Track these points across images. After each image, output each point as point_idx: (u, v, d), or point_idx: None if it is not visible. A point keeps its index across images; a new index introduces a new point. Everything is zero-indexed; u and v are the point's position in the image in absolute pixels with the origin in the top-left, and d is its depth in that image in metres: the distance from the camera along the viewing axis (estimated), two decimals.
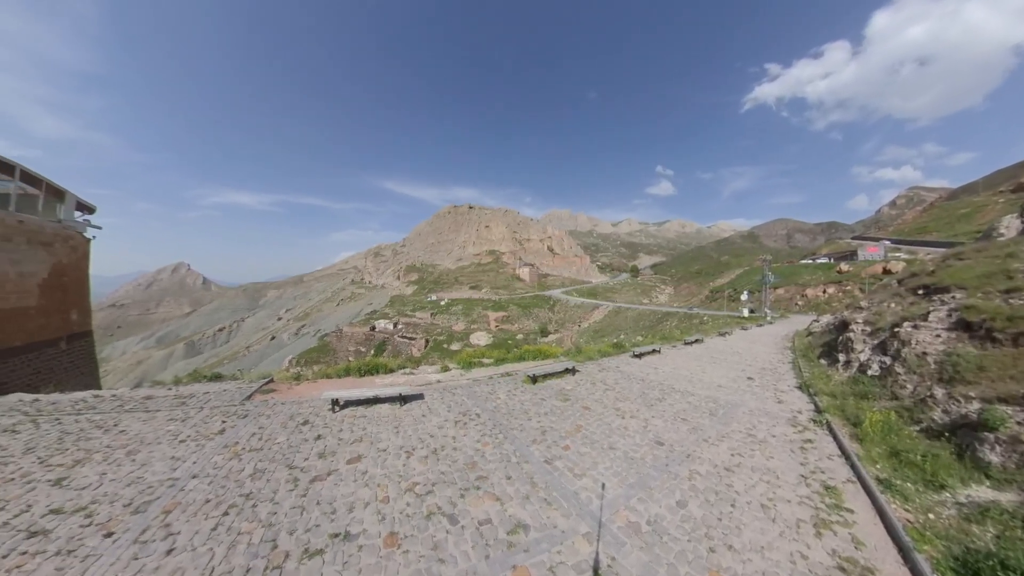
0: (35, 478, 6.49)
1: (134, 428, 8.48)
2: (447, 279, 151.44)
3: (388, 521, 5.18)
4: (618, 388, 11.20)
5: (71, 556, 4.69)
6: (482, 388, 11.09)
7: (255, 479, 6.30)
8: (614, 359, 15.39)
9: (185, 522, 5.28)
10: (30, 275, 15.82)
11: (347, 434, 8.02)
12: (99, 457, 7.19)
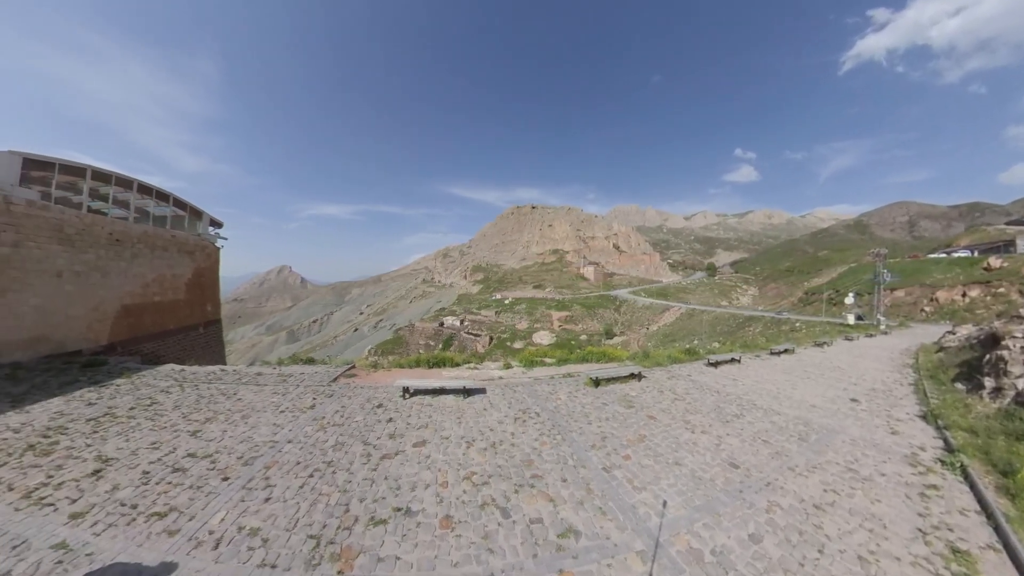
0: (179, 428, 8.12)
1: (248, 397, 10.13)
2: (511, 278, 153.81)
3: (445, 504, 5.46)
4: (689, 399, 10.34)
5: (199, 491, 5.87)
6: (543, 387, 11.08)
7: (336, 450, 7.13)
8: (685, 366, 14.24)
9: (280, 477, 6.21)
10: (180, 276, 20.72)
11: (414, 419, 8.63)
12: (222, 418, 8.74)
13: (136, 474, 6.32)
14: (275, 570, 4.33)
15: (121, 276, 16.94)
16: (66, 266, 14.51)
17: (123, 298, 16.98)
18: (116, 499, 5.65)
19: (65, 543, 4.76)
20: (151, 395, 10.27)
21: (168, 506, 5.46)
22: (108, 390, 10.65)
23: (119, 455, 6.96)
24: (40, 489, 5.88)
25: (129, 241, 17.49)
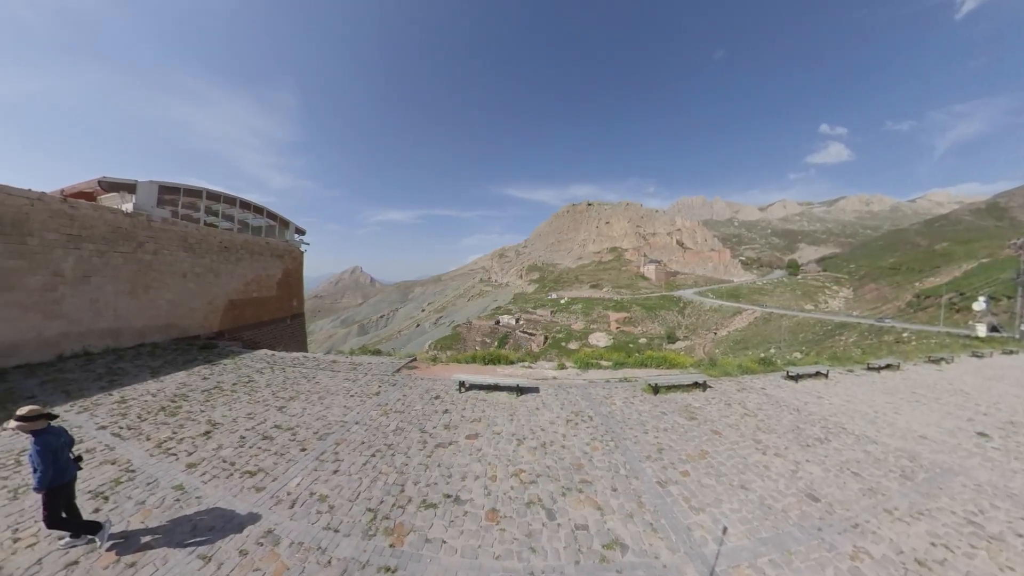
0: (269, 404, 9.31)
1: (324, 381, 11.29)
2: (567, 278, 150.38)
3: (492, 497, 5.57)
4: (761, 415, 9.32)
5: (282, 457, 6.70)
6: (597, 391, 10.78)
7: (396, 434, 7.66)
8: (759, 378, 12.82)
9: (347, 454, 6.84)
10: (272, 276, 24.39)
11: (469, 413, 8.93)
12: (303, 397, 9.84)
13: (235, 438, 7.39)
14: (337, 534, 4.79)
15: (228, 276, 20.24)
16: (189, 269, 17.74)
17: (230, 294, 20.29)
18: (220, 456, 6.68)
19: (182, 486, 5.77)
20: (249, 374, 11.92)
21: (257, 467, 6.32)
22: (217, 368, 12.58)
23: (223, 421, 8.20)
24: (167, 442, 7.16)
25: (234, 248, 20.84)
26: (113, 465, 6.34)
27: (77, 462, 4.63)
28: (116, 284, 14.49)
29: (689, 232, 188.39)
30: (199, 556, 4.41)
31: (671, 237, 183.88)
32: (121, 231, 14.74)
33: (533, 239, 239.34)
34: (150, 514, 5.13)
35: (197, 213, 20.04)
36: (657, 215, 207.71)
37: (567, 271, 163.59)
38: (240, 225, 23.51)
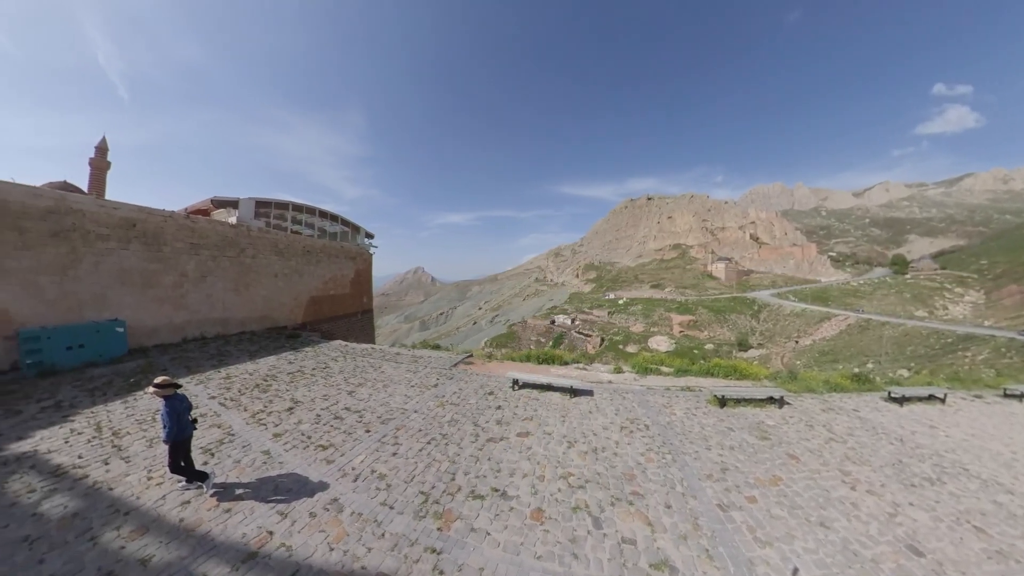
0: (341, 388, 10.29)
1: (388, 371, 12.16)
2: (626, 277, 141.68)
3: (539, 497, 5.56)
4: (852, 442, 8.07)
5: (349, 436, 7.37)
6: (656, 398, 10.20)
7: (450, 425, 7.99)
8: (851, 397, 11.03)
9: (406, 439, 7.30)
10: (346, 276, 27.26)
11: (521, 411, 8.99)
12: (369, 384, 10.70)
13: (312, 415, 8.30)
14: (391, 511, 5.15)
15: (310, 276, 23.12)
16: (279, 270, 20.64)
17: (311, 291, 23.13)
18: (299, 430, 7.55)
19: (268, 451, 6.66)
20: (325, 361, 13.28)
21: (329, 442, 7.04)
22: (300, 355, 14.22)
23: (303, 400, 9.25)
24: (259, 413, 8.27)
25: (315, 251, 23.85)
26: (219, 429, 7.51)
27: (194, 423, 5.62)
28: (225, 282, 17.35)
29: (765, 225, 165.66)
30: (278, 512, 5.09)
31: (743, 231, 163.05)
32: (228, 239, 17.68)
33: (590, 237, 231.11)
34: (243, 471, 6.03)
35: (285, 222, 23.64)
36: (726, 207, 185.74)
37: (626, 270, 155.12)
38: (319, 232, 27.10)
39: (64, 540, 4.51)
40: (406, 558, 4.36)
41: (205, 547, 4.47)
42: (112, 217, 13.42)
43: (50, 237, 11.81)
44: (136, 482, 5.67)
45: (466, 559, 4.37)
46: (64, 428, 7.46)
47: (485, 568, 4.26)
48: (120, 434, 7.26)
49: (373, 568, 4.23)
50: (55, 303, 11.88)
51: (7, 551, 4.32)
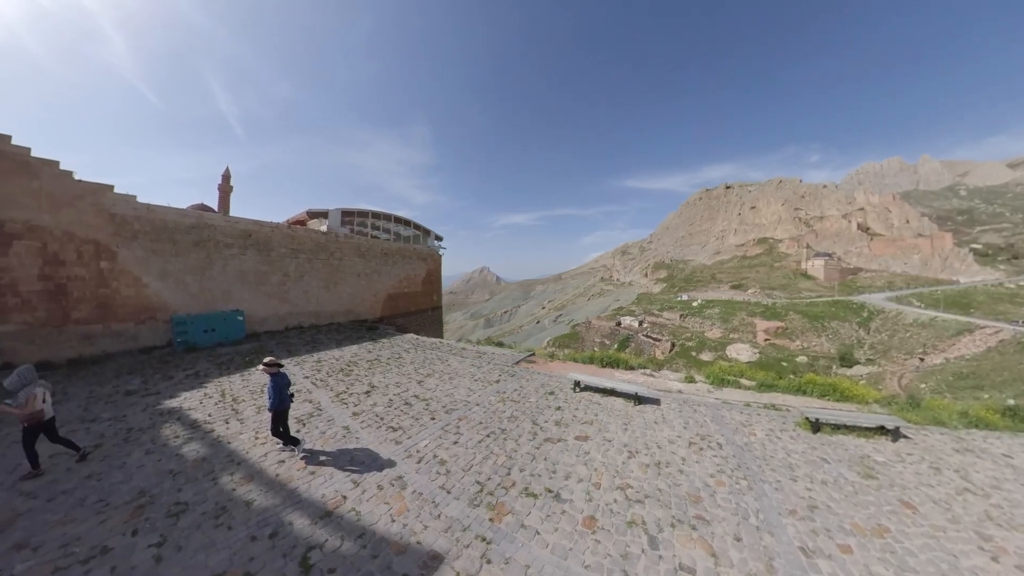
0: (412, 377, 11.09)
1: (453, 365, 12.78)
2: (701, 276, 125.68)
3: (593, 505, 5.39)
4: (997, 498, 6.36)
5: (416, 421, 7.91)
6: (733, 415, 9.22)
7: (510, 421, 8.14)
8: (1000, 438, 8.48)
9: (467, 430, 7.62)
10: (417, 275, 29.73)
11: (581, 413, 8.81)
12: (436, 376, 11.36)
13: (385, 399, 9.09)
14: (448, 495, 5.43)
15: (387, 276, 25.71)
16: (361, 270, 23.30)
17: (388, 289, 25.73)
18: (374, 411, 8.33)
19: (348, 427, 7.47)
20: (399, 352, 14.43)
21: (398, 425, 7.66)
22: (378, 345, 15.68)
23: (379, 385, 10.17)
24: (342, 394, 9.31)
25: (391, 253, 26.49)
26: (310, 404, 8.64)
27: (291, 397, 6.57)
28: (317, 281, 20.25)
29: (878, 211, 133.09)
30: (352, 480, 5.74)
31: (848, 220, 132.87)
32: (320, 245, 20.64)
33: (660, 233, 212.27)
34: (327, 442, 6.87)
35: (366, 229, 27.06)
36: (825, 192, 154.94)
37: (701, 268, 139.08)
38: (394, 235, 30.45)
39: (195, 476, 5.70)
40: (457, 541, 4.56)
41: (293, 500, 5.22)
42: (235, 229, 16.54)
43: (193, 246, 14.94)
44: (246, 440, 6.82)
45: (514, 553, 4.42)
46: (200, 392, 9.25)
47: (531, 566, 4.26)
48: (237, 400, 8.77)
49: (427, 545, 4.50)
50: (196, 296, 14.93)
51: (159, 478, 5.66)
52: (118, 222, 13.01)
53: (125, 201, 13.25)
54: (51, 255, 11.67)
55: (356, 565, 4.22)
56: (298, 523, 4.81)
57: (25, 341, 11.15)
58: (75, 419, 7.60)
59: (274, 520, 4.86)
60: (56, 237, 11.77)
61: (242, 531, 4.67)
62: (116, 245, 12.94)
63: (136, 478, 5.69)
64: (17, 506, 5.08)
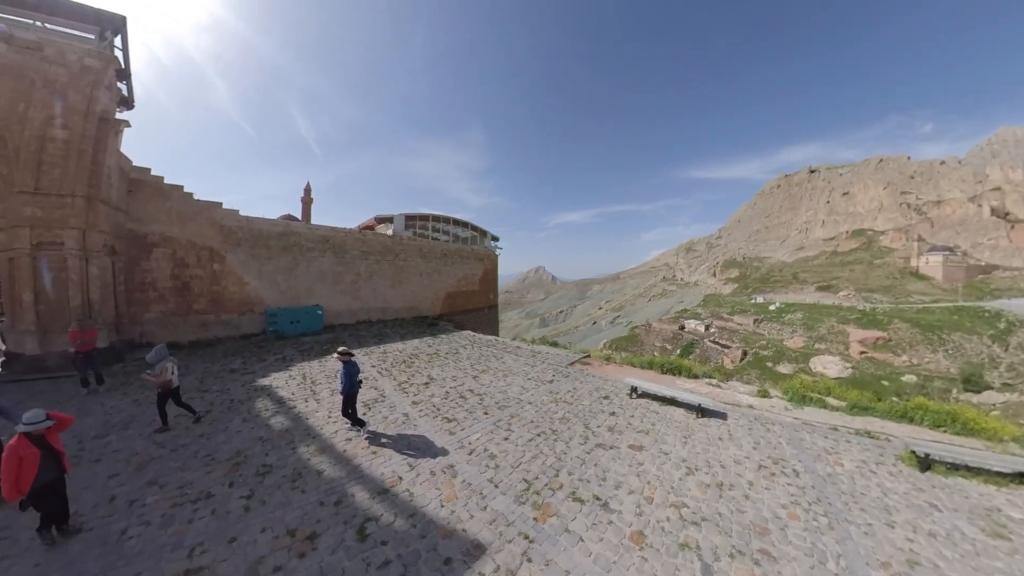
0: (467, 372, 11.49)
1: (508, 362, 12.98)
2: (780, 276, 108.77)
3: (643, 520, 5.12)
4: None
5: (470, 415, 8.20)
6: (815, 439, 8.10)
7: (561, 423, 8.06)
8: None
9: (518, 427, 7.72)
10: (475, 275, 30.81)
11: (637, 421, 8.42)
12: (491, 372, 11.63)
13: (442, 392, 9.54)
14: (496, 489, 5.57)
15: (446, 275, 27.04)
16: (423, 270, 24.89)
17: (447, 288, 27.07)
18: (431, 402, 8.81)
19: (408, 415, 8.01)
20: (456, 348, 15.05)
21: (453, 417, 8.02)
22: (437, 340, 16.53)
23: (437, 377, 10.71)
24: (404, 383, 9.98)
25: (450, 254, 27.80)
26: (375, 390, 9.39)
27: (360, 383, 7.25)
28: (384, 280, 22.08)
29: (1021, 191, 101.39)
30: (407, 463, 6.17)
31: (978, 204, 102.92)
32: (387, 247, 22.48)
33: (730, 227, 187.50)
34: (388, 426, 7.44)
35: (427, 231, 29.02)
36: (943, 170, 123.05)
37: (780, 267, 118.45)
38: (453, 237, 32.17)
39: (279, 444, 6.62)
40: (500, 535, 4.65)
41: (356, 475, 5.80)
42: (315, 235, 18.95)
43: (282, 250, 17.34)
44: (321, 418, 7.67)
45: (555, 556, 4.38)
46: (285, 374, 10.57)
47: (572, 573, 4.19)
48: (315, 383, 9.85)
49: (471, 534, 4.66)
50: (284, 293, 17.30)
51: (252, 442, 6.70)
52: (226, 232, 15.66)
53: (231, 215, 15.84)
54: (179, 259, 14.45)
55: (406, 541, 4.53)
56: (359, 496, 5.32)
57: (160, 326, 13.84)
58: (193, 389, 9.12)
59: (339, 490, 5.43)
60: (182, 245, 14.53)
61: (313, 495, 5.30)
62: (225, 251, 15.59)
63: (235, 440, 6.75)
64: (152, 452, 6.36)
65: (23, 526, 4.56)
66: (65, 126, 10.67)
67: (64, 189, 10.82)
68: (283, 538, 4.54)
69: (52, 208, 10.76)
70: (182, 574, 4.04)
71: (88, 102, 10.94)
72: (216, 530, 4.67)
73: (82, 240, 11.06)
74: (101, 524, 4.76)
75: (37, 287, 10.66)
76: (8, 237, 10.64)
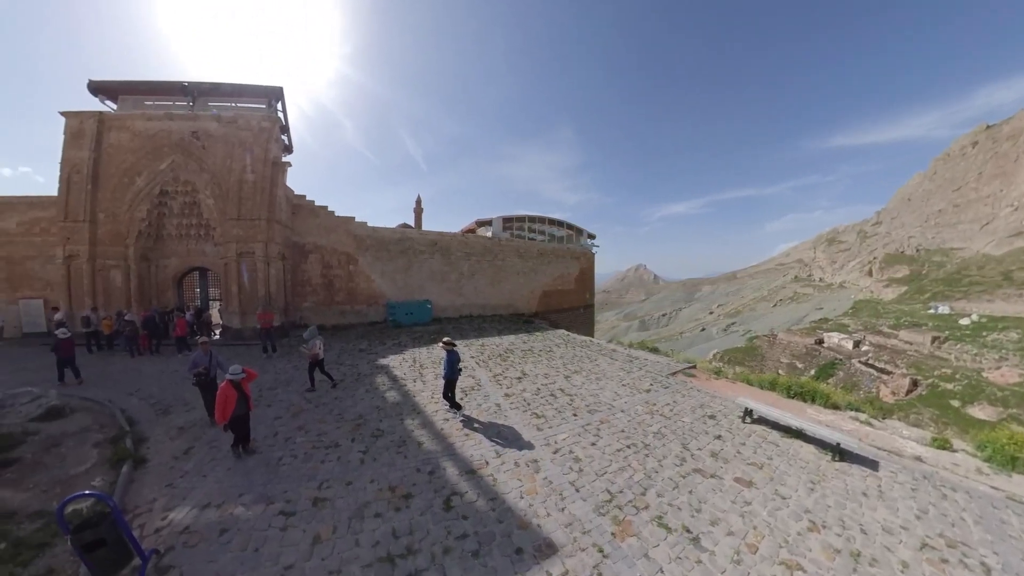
0: (560, 371, 11.50)
1: (602, 365, 12.54)
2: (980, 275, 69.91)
3: (740, 570, 4.34)
4: None
5: (559, 414, 8.29)
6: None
7: (655, 437, 7.44)
8: None
9: (606, 434, 7.46)
10: (571, 274, 30.81)
11: (748, 452, 7.22)
12: (584, 374, 11.41)
13: (533, 388, 9.80)
14: (576, 493, 5.47)
15: (542, 274, 27.71)
16: (520, 269, 26.02)
17: (543, 286, 27.73)
18: (522, 396, 9.15)
19: (500, 405, 8.50)
20: (550, 346, 15.17)
21: (542, 413, 8.20)
22: (531, 337, 16.94)
23: (529, 373, 11.02)
24: (498, 376, 10.57)
25: (546, 254, 28.35)
26: (472, 379, 10.17)
27: (460, 371, 8.07)
28: (484, 279, 23.87)
29: None
30: (495, 451, 6.59)
31: None
32: (487, 248, 24.27)
33: (895, 208, 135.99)
34: (481, 413, 8.02)
35: (523, 232, 30.16)
36: None
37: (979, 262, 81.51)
38: (549, 236, 32.62)
39: (390, 414, 7.86)
40: (574, 541, 4.57)
41: (449, 452, 6.49)
42: (425, 239, 21.91)
43: (399, 253, 20.56)
44: (425, 398, 8.74)
45: None
46: (399, 356, 12.33)
47: None
48: (423, 366, 11.17)
49: (546, 532, 4.70)
50: (401, 289, 20.45)
51: (370, 410, 8.12)
52: (358, 240, 19.39)
53: (361, 226, 19.58)
54: (326, 262, 18.71)
55: (484, 521, 4.87)
56: (449, 471, 5.95)
57: (313, 312, 18.13)
58: (332, 362, 11.33)
59: (433, 462, 6.18)
60: (328, 251, 18.76)
61: (412, 462, 6.21)
62: (357, 255, 19.36)
63: (359, 406, 8.28)
64: (302, 405, 8.30)
65: (224, 441, 6.73)
66: (252, 171, 15.31)
67: (254, 215, 15.34)
68: (385, 491, 5.45)
69: (247, 228, 15.28)
70: (312, 499, 5.27)
71: (265, 153, 15.54)
72: (338, 472, 5.91)
73: (265, 250, 15.43)
74: (267, 450, 6.62)
75: (239, 283, 15.29)
76: (224, 249, 15.45)
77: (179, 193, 15.89)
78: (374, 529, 4.74)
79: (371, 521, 4.87)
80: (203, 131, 15.33)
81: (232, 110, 16.17)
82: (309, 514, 5.02)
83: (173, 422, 7.79)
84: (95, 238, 15.09)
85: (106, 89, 15.98)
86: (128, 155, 15.19)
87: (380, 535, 4.64)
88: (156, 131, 15.27)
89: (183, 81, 15.99)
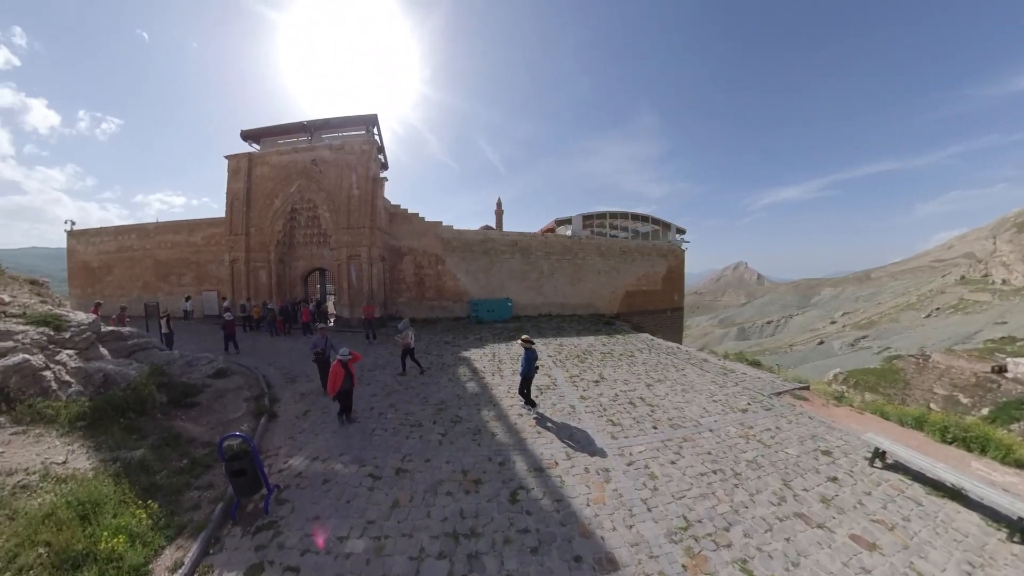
0: (640, 378, 10.83)
1: (690, 376, 11.39)
2: None
3: None
4: None
5: (636, 424, 7.86)
6: None
7: (749, 467, 6.40)
8: None
9: (689, 453, 6.77)
10: (657, 273, 28.45)
11: (874, 505, 5.72)
12: (668, 384, 10.53)
13: (611, 393, 9.46)
14: (648, 513, 5.13)
15: (625, 273, 26.13)
16: (601, 268, 24.98)
17: (626, 286, 26.12)
18: (599, 400, 8.92)
19: (574, 407, 8.49)
20: (631, 351, 14.32)
21: (618, 421, 7.89)
22: (612, 340, 16.20)
23: (608, 378, 10.65)
24: (574, 377, 10.52)
25: (629, 251, 26.59)
26: (548, 378, 10.26)
27: (536, 369, 8.30)
28: (564, 278, 23.65)
29: None
30: (565, 453, 6.59)
31: None
32: (566, 247, 23.95)
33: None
34: (555, 413, 8.10)
35: (604, 229, 28.19)
36: None
37: None
38: (632, 233, 30.08)
39: (469, 404, 8.48)
40: (639, 563, 4.30)
41: (520, 447, 6.71)
42: (506, 240, 22.58)
43: (482, 254, 21.64)
44: (502, 391, 9.18)
45: None
46: (480, 351, 13.09)
47: None
48: (501, 361, 11.66)
49: (609, 547, 4.51)
50: (483, 287, 21.55)
51: (451, 397, 8.89)
52: (445, 242, 20.98)
53: (448, 229, 21.16)
54: (418, 263, 20.82)
55: (547, 521, 4.91)
56: (519, 465, 6.15)
57: (406, 306, 20.39)
58: (421, 351, 12.45)
59: (505, 454, 6.46)
60: (419, 253, 20.81)
61: (485, 451, 6.56)
62: (444, 256, 20.95)
63: (441, 392, 9.08)
64: (394, 386, 9.45)
65: (333, 409, 7.96)
66: (357, 187, 18.27)
67: (359, 224, 18.22)
68: (458, 474, 5.89)
69: (354, 235, 18.18)
70: (396, 469, 6.05)
71: (367, 171, 18.33)
72: (419, 450, 6.62)
73: (368, 253, 18.12)
74: (364, 421, 7.75)
75: (348, 281, 18.36)
76: (337, 253, 18.71)
77: (304, 209, 19.78)
78: (444, 506, 5.18)
79: (443, 498, 5.33)
80: (320, 158, 18.84)
81: (340, 138, 19.55)
82: (392, 480, 5.73)
83: (297, 389, 9.64)
84: (248, 246, 19.69)
85: (252, 135, 20.58)
86: (268, 183, 19.46)
87: (449, 512, 5.05)
88: (287, 162, 19.25)
89: (303, 121, 19.81)
